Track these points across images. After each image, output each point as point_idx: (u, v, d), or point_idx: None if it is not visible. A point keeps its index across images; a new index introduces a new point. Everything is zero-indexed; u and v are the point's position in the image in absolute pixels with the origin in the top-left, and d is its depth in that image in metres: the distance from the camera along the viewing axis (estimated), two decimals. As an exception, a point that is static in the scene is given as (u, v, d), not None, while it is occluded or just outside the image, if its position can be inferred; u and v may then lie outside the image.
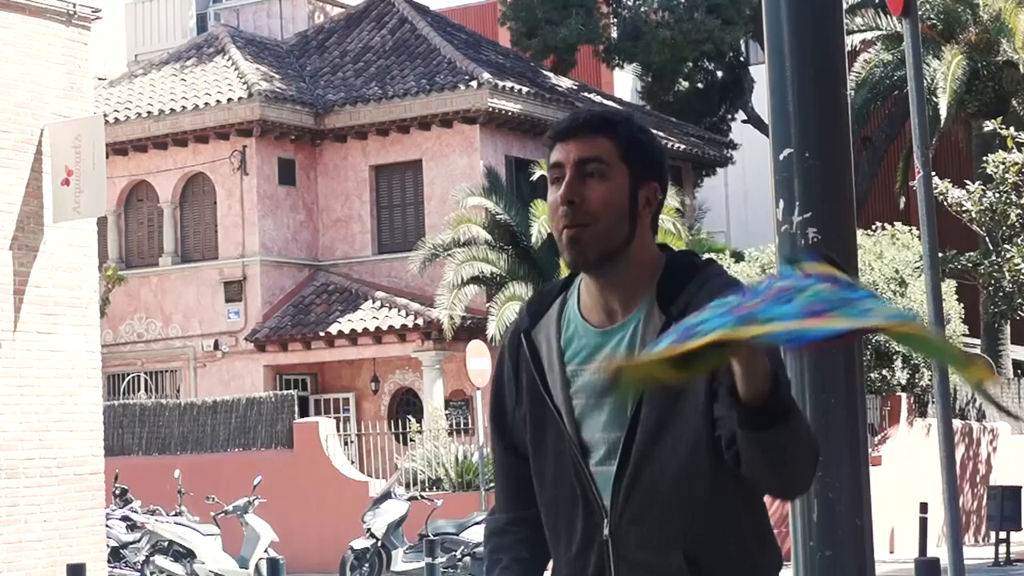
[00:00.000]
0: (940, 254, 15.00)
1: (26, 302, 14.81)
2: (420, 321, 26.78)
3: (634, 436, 2.80)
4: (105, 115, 24.02)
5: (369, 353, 27.58)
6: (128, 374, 29.00)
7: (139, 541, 18.53)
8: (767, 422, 2.55)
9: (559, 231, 2.81)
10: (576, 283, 2.93)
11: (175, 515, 18.92)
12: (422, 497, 18.71)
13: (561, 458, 2.90)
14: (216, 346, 28.42)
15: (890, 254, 24.19)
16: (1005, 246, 24.99)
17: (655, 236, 2.91)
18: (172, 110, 28.84)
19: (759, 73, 32.51)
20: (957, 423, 24.95)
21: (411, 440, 23.88)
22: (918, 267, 22.91)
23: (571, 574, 2.92)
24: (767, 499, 2.89)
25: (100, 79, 28.82)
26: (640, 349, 2.78)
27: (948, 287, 23.79)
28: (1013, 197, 24.46)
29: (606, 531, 2.84)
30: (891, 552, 22.31)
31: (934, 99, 27.09)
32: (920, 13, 10.68)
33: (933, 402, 20.94)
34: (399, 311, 27.24)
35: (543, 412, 2.90)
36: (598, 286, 2.85)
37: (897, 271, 23.91)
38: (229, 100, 28.41)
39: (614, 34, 34.12)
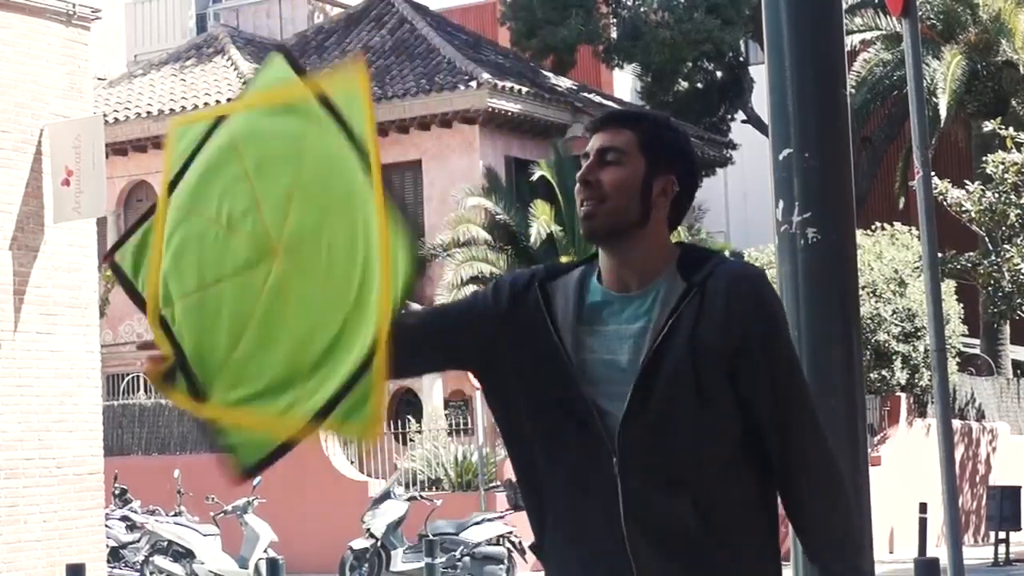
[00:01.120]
0: (940, 254, 15.00)
1: (26, 302, 14.81)
2: (420, 321, 26.75)
3: (646, 388, 2.98)
4: (105, 115, 24.02)
5: (369, 353, 27.52)
6: (128, 374, 29.00)
7: (139, 541, 18.53)
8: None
9: (579, 207, 3.09)
10: (593, 264, 3.15)
11: (175, 515, 18.92)
12: (421, 497, 18.70)
13: (566, 402, 3.03)
14: (216, 346, 28.41)
15: (890, 254, 24.18)
16: (1005, 246, 24.99)
17: (674, 229, 3.14)
18: (172, 110, 28.84)
19: (759, 73, 32.50)
20: (956, 423, 24.97)
21: (411, 440, 23.88)
22: (918, 267, 22.91)
23: (581, 516, 3.03)
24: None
25: (100, 79, 28.81)
26: (660, 312, 3.01)
27: (948, 287, 23.79)
28: (1013, 197, 24.46)
29: (615, 469, 2.99)
30: (891, 552, 22.32)
31: (934, 99, 27.09)
32: (920, 13, 10.67)
33: (932, 402, 20.95)
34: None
35: (548, 361, 3.06)
36: (614, 261, 3.09)
37: (897, 271, 23.91)
38: (228, 100, 28.38)
39: (614, 34, 34.10)
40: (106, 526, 16.67)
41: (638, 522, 2.98)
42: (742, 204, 37.96)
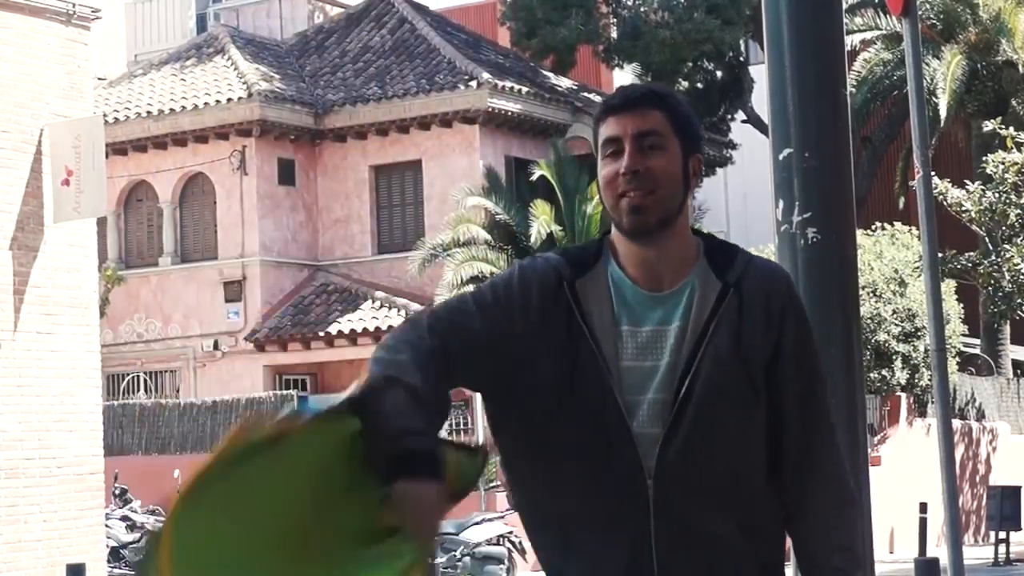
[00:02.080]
0: (940, 254, 15.01)
1: (26, 302, 14.81)
2: (420, 321, 26.75)
3: (689, 397, 2.81)
4: (105, 115, 24.02)
5: (369, 353, 27.40)
6: (128, 374, 29.00)
7: (139, 541, 18.53)
8: None
9: (616, 199, 2.86)
10: (606, 251, 2.94)
11: (175, 515, 18.89)
12: (422, 497, 18.69)
13: (599, 419, 2.83)
14: (216, 346, 28.42)
15: (890, 254, 24.19)
16: (1005, 246, 24.99)
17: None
18: (172, 110, 28.84)
19: (759, 73, 32.48)
20: (957, 423, 24.96)
21: (411, 440, 23.86)
22: (918, 267, 22.91)
23: (605, 540, 2.84)
24: None
25: (100, 79, 28.80)
26: (699, 313, 2.84)
27: (948, 287, 23.79)
28: (1013, 197, 24.46)
29: (650, 492, 2.80)
30: (891, 552, 22.32)
31: (934, 99, 27.09)
32: (920, 13, 10.67)
33: (932, 402, 20.95)
34: (399, 311, 27.23)
35: (583, 371, 2.84)
36: (648, 255, 2.88)
37: (897, 271, 23.91)
38: (229, 100, 28.41)
39: (614, 34, 34.09)
40: (106, 526, 16.67)
41: (673, 550, 2.81)
42: (742, 204, 37.96)
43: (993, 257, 25.08)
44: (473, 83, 28.20)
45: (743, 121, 35.56)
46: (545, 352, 2.84)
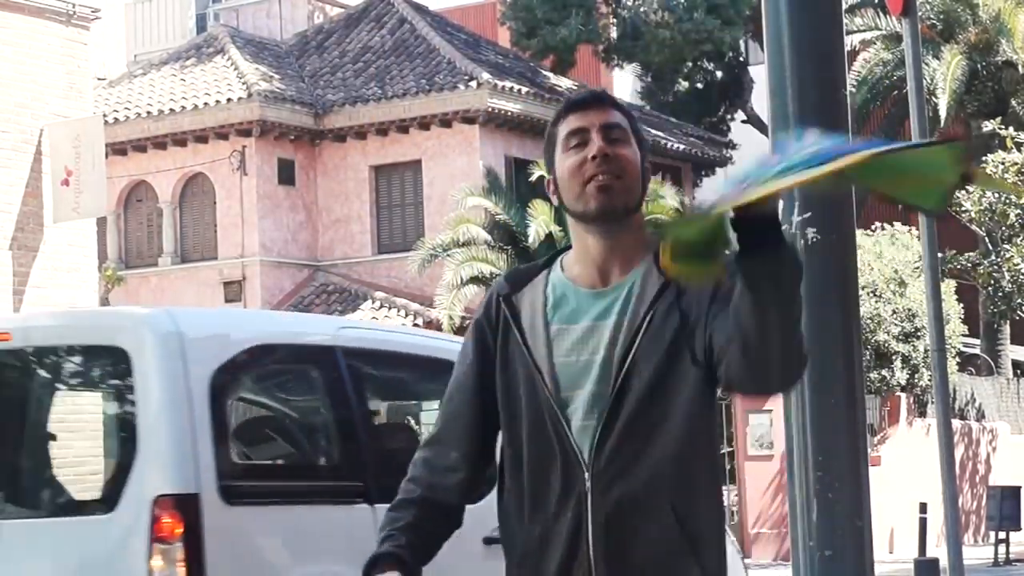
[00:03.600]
0: (940, 254, 15.00)
1: (26, 302, 14.81)
2: (419, 321, 26.76)
3: (626, 390, 2.91)
4: (104, 115, 24.00)
5: (369, 353, 27.51)
6: (128, 374, 28.99)
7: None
8: (768, 240, 2.69)
9: (583, 184, 2.98)
10: (558, 261, 3.08)
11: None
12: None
13: (537, 417, 2.96)
14: (216, 346, 28.41)
15: (890, 254, 24.18)
16: (1004, 246, 24.99)
17: None
18: (172, 110, 28.84)
19: (759, 73, 32.47)
20: (956, 423, 24.96)
21: (411, 440, 23.87)
22: (918, 267, 22.91)
23: (544, 532, 2.95)
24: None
25: (100, 79, 28.80)
26: (636, 307, 2.93)
27: (948, 287, 23.78)
28: (1012, 197, 24.46)
29: (587, 484, 2.90)
30: (891, 552, 22.31)
31: (934, 99, 27.09)
32: (920, 13, 10.66)
33: (932, 402, 20.94)
34: (399, 311, 27.24)
35: (520, 372, 2.99)
36: (603, 245, 2.99)
37: (897, 271, 23.91)
38: (229, 100, 28.41)
39: (614, 34, 34.09)
40: (106, 526, 16.65)
41: (607, 538, 2.90)
42: (742, 204, 37.88)
43: (993, 257, 25.08)
44: (473, 83, 28.21)
45: (743, 121, 35.56)
46: (500, 371, 3.02)
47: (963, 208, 24.67)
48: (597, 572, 2.90)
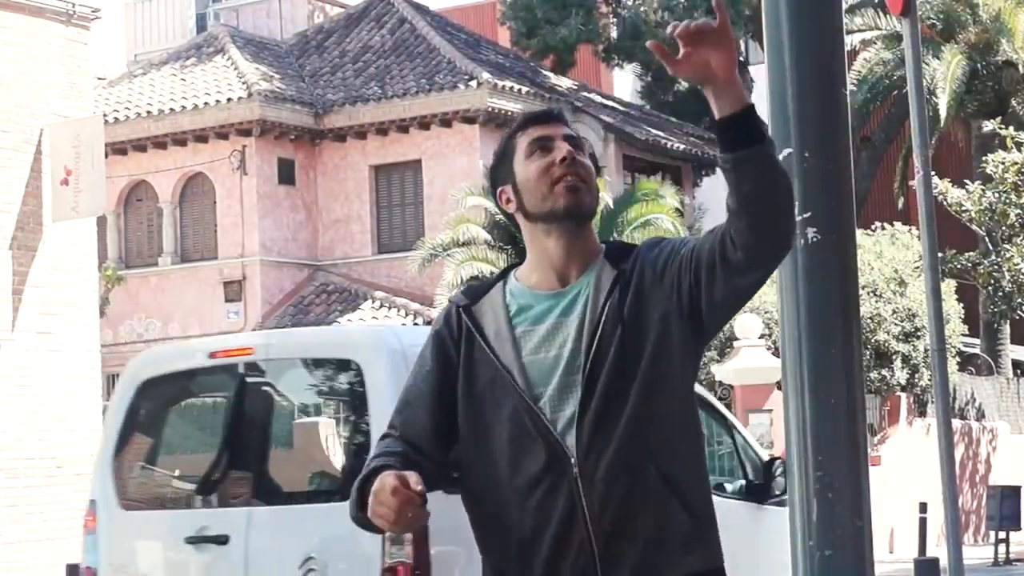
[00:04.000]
0: (940, 254, 15.00)
1: (26, 302, 14.81)
2: (420, 321, 26.77)
3: (596, 375, 3.04)
4: (104, 115, 24.01)
5: (369, 353, 27.52)
6: (128, 374, 28.98)
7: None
8: (749, 135, 2.97)
9: (551, 185, 3.14)
10: (511, 275, 3.23)
11: (175, 515, 18.91)
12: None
13: (514, 416, 3.06)
14: (216, 346, 28.40)
15: (890, 254, 24.18)
16: (1004, 246, 24.99)
17: None
18: (172, 110, 28.84)
19: (759, 73, 32.49)
20: (956, 423, 24.96)
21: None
22: (918, 267, 22.90)
23: (535, 527, 3.03)
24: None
25: (100, 79, 28.81)
26: (595, 298, 3.08)
27: (948, 287, 23.78)
28: (1012, 197, 24.46)
29: (575, 471, 3.02)
30: (891, 552, 22.31)
31: (934, 99, 27.08)
32: (920, 13, 10.66)
33: (932, 402, 20.93)
34: (399, 311, 27.24)
35: (484, 377, 3.10)
36: (563, 247, 3.14)
37: (897, 271, 23.91)
38: (229, 100, 28.41)
39: (614, 34, 34.10)
40: (106, 526, 16.67)
41: (602, 514, 3.00)
42: (742, 204, 37.89)
43: (993, 257, 25.08)
44: (473, 83, 28.21)
45: (743, 121, 35.51)
46: (464, 380, 3.13)
47: (963, 208, 24.66)
48: (598, 550, 3.00)
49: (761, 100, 3.81)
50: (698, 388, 9.30)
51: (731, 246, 2.97)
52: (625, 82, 39.09)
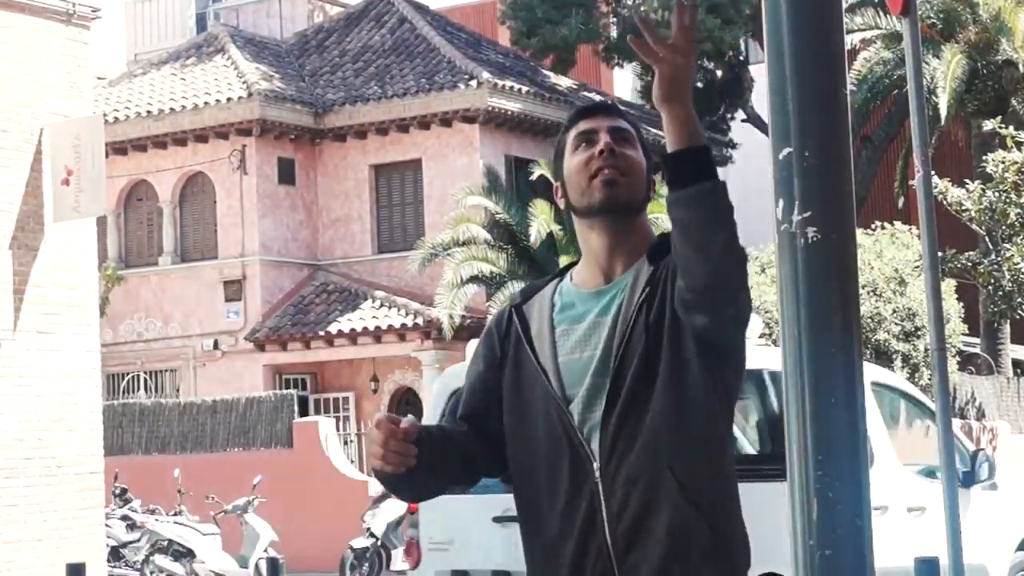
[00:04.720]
0: (940, 253, 14.99)
1: (26, 302, 14.81)
2: (420, 320, 26.77)
3: (621, 380, 3.00)
4: (105, 115, 24.01)
5: (369, 353, 27.57)
6: (127, 374, 28.99)
7: (139, 541, 18.53)
8: (698, 171, 2.92)
9: (589, 179, 3.11)
10: (569, 273, 3.20)
11: (175, 515, 18.92)
12: (422, 497, 18.69)
13: (548, 415, 3.06)
14: (215, 346, 28.42)
15: (890, 253, 24.17)
16: (1005, 245, 24.98)
17: None
18: (172, 109, 28.84)
19: (759, 73, 32.48)
20: (956, 422, 24.95)
21: (411, 440, 23.85)
22: (918, 266, 22.90)
23: (562, 528, 3.04)
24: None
25: (100, 79, 28.81)
26: (630, 297, 3.03)
27: (948, 286, 23.77)
28: (1013, 196, 24.44)
29: (597, 476, 3.00)
30: (891, 551, 22.28)
31: (934, 98, 27.07)
32: (920, 12, 10.65)
33: (932, 401, 20.88)
34: (399, 310, 27.24)
35: (527, 376, 3.10)
36: (606, 242, 3.11)
37: (897, 270, 23.90)
38: (229, 100, 28.41)
39: (614, 33, 34.10)
40: (106, 525, 16.68)
41: (620, 515, 2.99)
42: (742, 204, 37.67)
43: (993, 256, 25.06)
44: (473, 83, 28.21)
45: (743, 120, 35.55)
46: (509, 379, 3.14)
47: (963, 207, 24.65)
48: (616, 555, 2.99)
49: (761, 99, 3.82)
50: (895, 377, 11.77)
51: (681, 287, 2.95)
52: (625, 81, 39.09)
